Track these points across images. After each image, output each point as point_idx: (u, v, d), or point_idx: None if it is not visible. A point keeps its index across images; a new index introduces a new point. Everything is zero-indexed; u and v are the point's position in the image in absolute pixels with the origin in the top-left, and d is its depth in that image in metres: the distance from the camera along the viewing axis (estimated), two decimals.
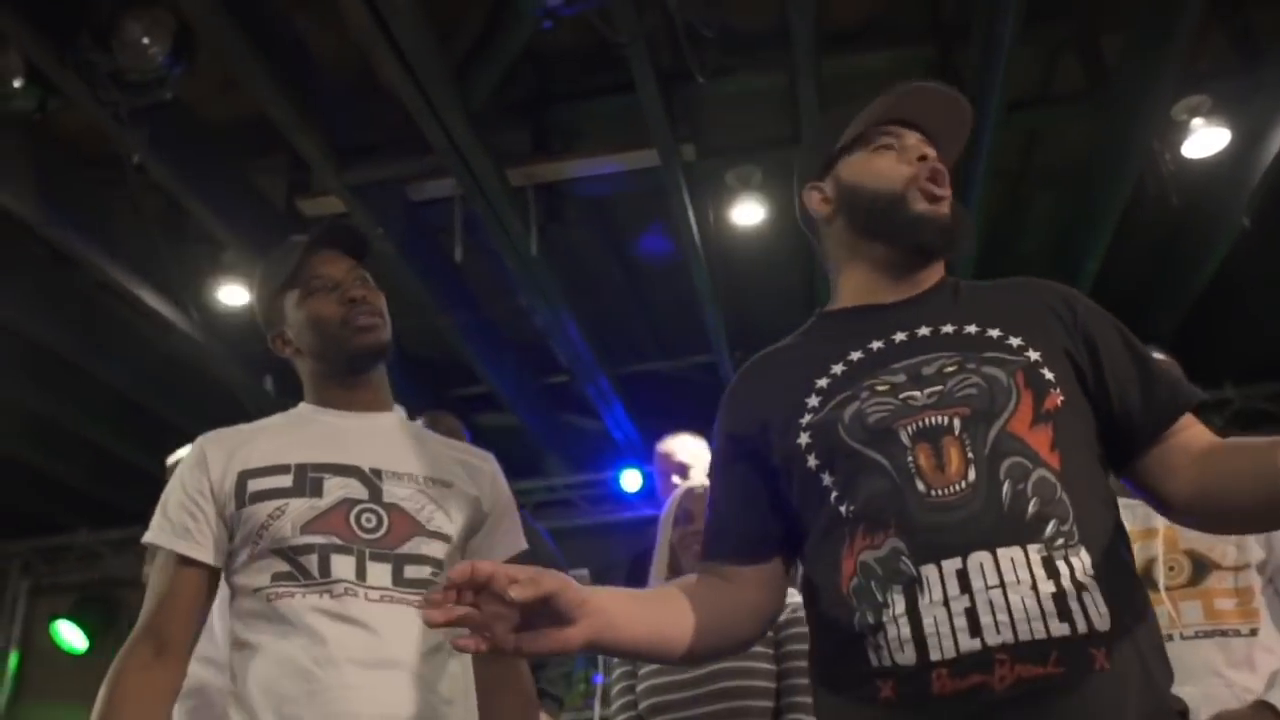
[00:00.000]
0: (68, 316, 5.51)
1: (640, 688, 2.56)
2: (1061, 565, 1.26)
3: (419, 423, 3.46)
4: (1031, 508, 1.29)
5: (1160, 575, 2.32)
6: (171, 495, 1.85)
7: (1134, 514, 2.42)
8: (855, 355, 1.52)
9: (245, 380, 6.09)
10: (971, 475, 1.32)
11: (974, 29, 4.44)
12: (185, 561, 1.79)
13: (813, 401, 1.50)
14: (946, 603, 1.27)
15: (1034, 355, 1.43)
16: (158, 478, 4.52)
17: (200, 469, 1.84)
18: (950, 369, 1.43)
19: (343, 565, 1.72)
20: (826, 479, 1.44)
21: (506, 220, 4.96)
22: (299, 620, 1.69)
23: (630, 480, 7.49)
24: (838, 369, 1.52)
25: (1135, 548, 2.30)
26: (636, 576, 3.77)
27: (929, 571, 1.30)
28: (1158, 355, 1.58)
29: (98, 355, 5.77)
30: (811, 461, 1.46)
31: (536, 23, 4.17)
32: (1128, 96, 4.69)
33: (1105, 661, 1.22)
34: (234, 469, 1.83)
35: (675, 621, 1.49)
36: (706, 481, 2.59)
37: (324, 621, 1.69)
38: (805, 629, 2.29)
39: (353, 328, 1.92)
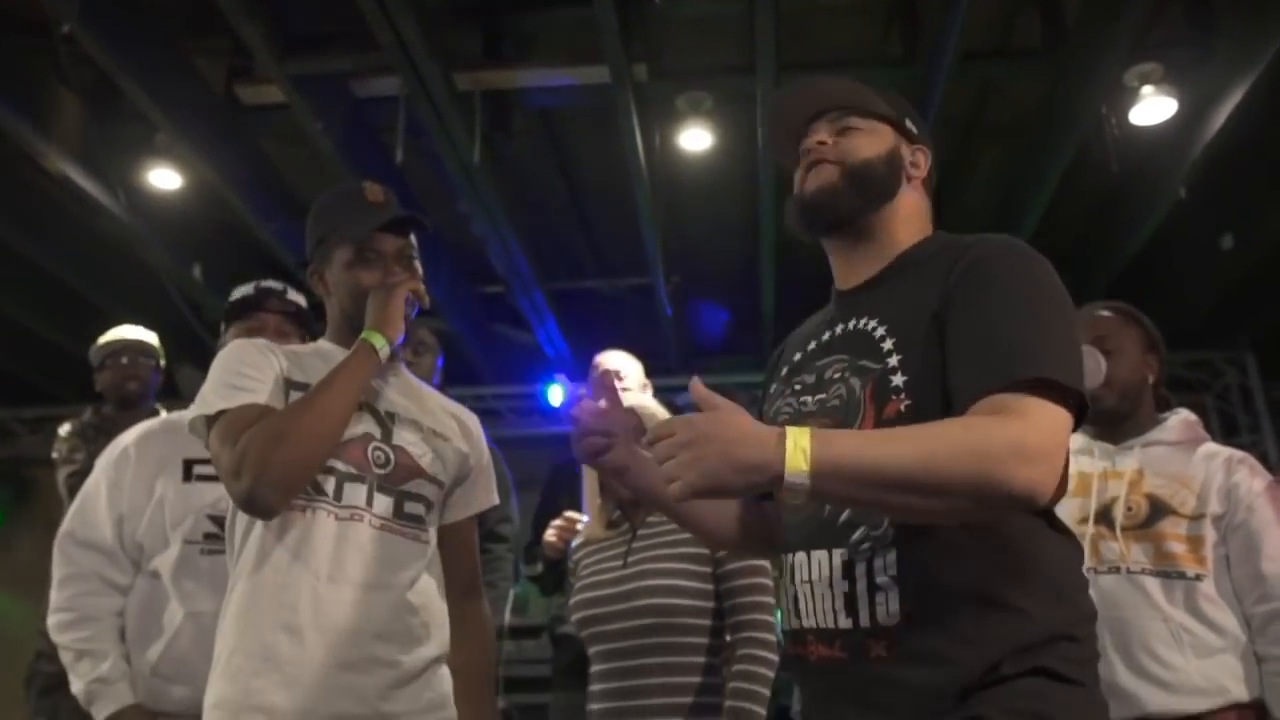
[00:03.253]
0: None
1: (571, 601, 2.51)
2: (860, 567, 1.43)
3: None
4: (843, 516, 1.46)
5: (1119, 515, 2.38)
6: (242, 362, 1.91)
7: (1102, 455, 2.49)
8: (810, 346, 1.65)
9: (173, 267, 5.92)
10: None
11: None
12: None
13: (775, 386, 1.70)
14: (788, 588, 1.55)
15: (893, 360, 1.47)
16: (79, 359, 4.46)
17: (270, 353, 1.95)
18: (835, 375, 1.54)
19: (354, 492, 1.88)
20: None
21: (450, 125, 4.89)
22: (311, 536, 1.84)
23: (556, 394, 7.50)
24: (797, 357, 1.67)
25: (1097, 487, 2.40)
26: (556, 486, 3.79)
27: (787, 559, 1.56)
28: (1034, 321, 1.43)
29: (22, 231, 5.60)
30: None
31: None
32: (1082, 57, 4.72)
33: (883, 651, 1.40)
34: (284, 375, 1.94)
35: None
36: (640, 400, 2.57)
37: (332, 542, 1.85)
38: None
39: None
